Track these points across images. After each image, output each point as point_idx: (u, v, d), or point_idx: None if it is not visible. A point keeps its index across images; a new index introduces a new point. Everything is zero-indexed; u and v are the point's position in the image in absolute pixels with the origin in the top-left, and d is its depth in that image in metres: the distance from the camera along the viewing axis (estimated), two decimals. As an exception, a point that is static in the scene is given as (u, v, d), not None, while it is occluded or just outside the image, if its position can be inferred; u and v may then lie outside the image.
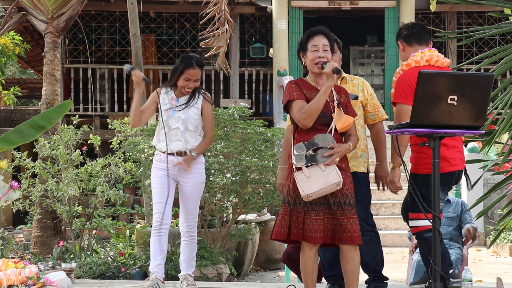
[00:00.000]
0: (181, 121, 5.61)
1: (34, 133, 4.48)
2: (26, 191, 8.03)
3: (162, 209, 5.57)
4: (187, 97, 5.68)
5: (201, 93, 5.75)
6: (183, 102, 5.67)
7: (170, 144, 5.59)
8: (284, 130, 8.69)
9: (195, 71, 5.61)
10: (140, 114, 5.62)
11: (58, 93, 9.12)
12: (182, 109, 5.63)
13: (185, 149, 5.62)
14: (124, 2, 9.74)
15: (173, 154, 5.61)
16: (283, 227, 4.70)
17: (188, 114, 5.64)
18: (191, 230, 5.71)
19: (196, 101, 5.68)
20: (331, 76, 4.64)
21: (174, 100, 5.68)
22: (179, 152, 5.62)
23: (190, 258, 5.74)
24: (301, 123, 4.69)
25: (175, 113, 5.63)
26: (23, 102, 24.06)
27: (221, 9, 8.73)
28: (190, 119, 5.63)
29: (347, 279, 4.76)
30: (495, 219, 11.62)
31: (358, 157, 5.29)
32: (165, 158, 5.56)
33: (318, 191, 4.57)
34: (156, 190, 5.65)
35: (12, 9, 10.30)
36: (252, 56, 15.26)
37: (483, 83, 4.36)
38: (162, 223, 5.56)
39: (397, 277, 8.14)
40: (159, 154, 5.68)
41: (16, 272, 5.45)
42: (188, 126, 5.62)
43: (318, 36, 4.81)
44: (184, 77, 5.60)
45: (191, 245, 5.73)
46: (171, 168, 5.58)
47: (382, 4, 14.75)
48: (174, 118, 5.63)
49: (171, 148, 5.60)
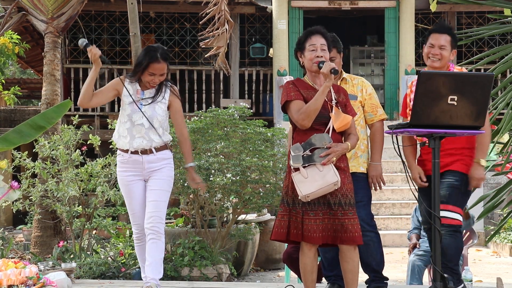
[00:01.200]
0: (146, 118, 5.19)
1: (34, 133, 4.47)
2: (26, 191, 8.03)
3: (138, 221, 5.29)
4: (153, 91, 5.25)
5: (168, 86, 5.32)
6: (148, 96, 5.24)
7: (133, 141, 5.21)
8: (284, 130, 8.70)
9: (160, 65, 5.16)
10: (91, 96, 5.20)
11: (58, 93, 9.11)
12: (148, 104, 5.21)
13: (149, 147, 5.21)
14: (124, 2, 9.74)
15: (137, 153, 5.22)
16: (282, 227, 4.71)
17: (155, 110, 5.23)
18: (156, 226, 5.16)
19: (163, 96, 5.26)
20: (328, 76, 4.64)
21: (139, 93, 5.25)
22: (143, 151, 5.21)
23: (156, 261, 5.18)
24: (300, 124, 4.69)
25: (142, 107, 5.20)
26: (23, 102, 24.07)
27: (221, 9, 8.73)
28: (157, 115, 5.22)
29: (346, 279, 4.76)
30: (495, 219, 11.62)
31: (358, 157, 5.28)
32: (128, 159, 5.22)
33: (316, 191, 4.57)
34: (127, 200, 5.31)
35: (12, 9, 10.29)
36: (252, 56, 15.26)
37: (483, 83, 4.36)
38: (142, 233, 5.28)
39: (397, 277, 8.14)
40: (121, 154, 5.29)
41: (16, 272, 5.44)
42: (153, 123, 5.20)
43: (316, 36, 4.81)
44: (148, 72, 5.17)
45: (157, 244, 5.17)
46: (137, 168, 5.24)
47: (382, 4, 14.75)
48: (138, 113, 5.20)
49: (134, 145, 5.21)
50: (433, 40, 4.93)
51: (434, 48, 4.91)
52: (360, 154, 5.29)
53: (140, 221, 5.31)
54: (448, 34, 4.95)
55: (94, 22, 14.86)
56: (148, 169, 5.23)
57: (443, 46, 4.91)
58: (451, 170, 4.89)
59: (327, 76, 4.64)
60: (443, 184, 4.83)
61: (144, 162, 5.22)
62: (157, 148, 5.23)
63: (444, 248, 4.78)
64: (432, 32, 4.99)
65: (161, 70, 5.18)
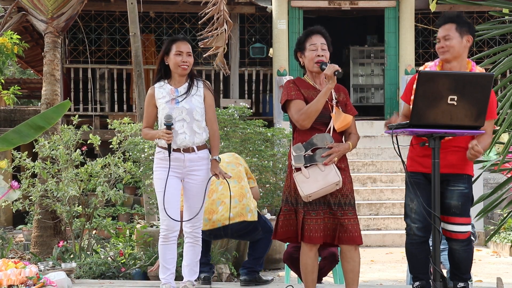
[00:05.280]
0: (186, 111, 5.21)
1: (33, 134, 4.47)
2: (26, 191, 8.02)
3: (168, 217, 5.22)
4: (186, 86, 5.28)
5: (199, 80, 5.37)
6: (183, 92, 5.27)
7: (176, 138, 5.19)
8: (284, 130, 8.70)
9: (183, 43, 5.23)
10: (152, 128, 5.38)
11: (58, 93, 9.12)
12: (184, 99, 5.23)
13: (192, 144, 5.22)
14: (124, 2, 9.74)
15: (179, 151, 5.22)
16: (290, 225, 4.72)
17: (192, 102, 5.24)
18: (195, 231, 5.33)
19: (197, 89, 5.30)
20: (332, 78, 4.63)
21: (173, 92, 5.28)
22: (185, 149, 5.22)
23: (193, 263, 5.39)
24: (300, 124, 4.69)
25: (178, 104, 5.22)
26: (23, 102, 24.06)
27: (219, 9, 8.73)
28: (195, 108, 5.23)
29: (347, 279, 4.77)
30: (495, 219, 11.61)
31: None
32: (169, 156, 5.17)
33: (318, 191, 4.57)
34: (161, 194, 5.21)
35: (12, 9, 10.30)
36: (252, 56, 15.26)
37: (483, 83, 4.36)
38: (171, 230, 5.25)
39: (397, 277, 8.14)
40: (161, 151, 5.26)
41: (16, 272, 5.44)
42: (194, 116, 5.22)
43: (316, 36, 4.81)
44: (174, 53, 5.22)
45: (195, 247, 5.36)
46: (178, 166, 5.23)
47: (382, 4, 14.75)
48: (178, 109, 5.21)
49: (178, 142, 5.20)
50: (438, 33, 4.77)
51: (440, 41, 4.73)
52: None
53: (170, 217, 5.21)
54: (450, 22, 4.73)
55: (94, 22, 14.85)
56: (188, 167, 5.25)
57: (447, 36, 4.69)
58: (459, 174, 4.73)
59: (330, 78, 4.63)
60: (454, 193, 4.70)
61: (186, 161, 5.25)
62: (198, 146, 5.27)
63: (459, 262, 4.75)
64: (437, 26, 4.84)
65: (186, 48, 5.25)
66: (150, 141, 6.60)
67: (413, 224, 4.71)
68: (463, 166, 4.73)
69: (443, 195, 4.71)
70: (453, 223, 4.70)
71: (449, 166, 4.67)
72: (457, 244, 4.72)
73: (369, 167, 12.78)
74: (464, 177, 4.73)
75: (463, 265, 4.80)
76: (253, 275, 6.06)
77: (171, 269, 5.35)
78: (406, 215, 4.78)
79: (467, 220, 4.73)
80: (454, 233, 4.72)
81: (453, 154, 4.71)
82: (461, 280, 4.82)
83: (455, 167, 4.71)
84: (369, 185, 12.31)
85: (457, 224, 4.68)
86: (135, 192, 12.60)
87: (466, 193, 4.72)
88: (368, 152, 13.28)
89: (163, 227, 5.29)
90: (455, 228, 4.69)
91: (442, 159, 4.57)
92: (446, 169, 4.63)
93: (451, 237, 4.75)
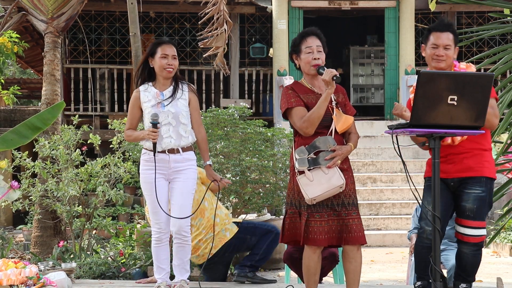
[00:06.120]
0: (172, 115, 5.25)
1: (31, 134, 4.48)
2: (26, 191, 8.02)
3: (160, 219, 5.31)
4: (171, 89, 5.32)
5: (184, 83, 5.40)
6: (168, 95, 5.29)
7: (161, 142, 5.24)
8: (284, 130, 8.70)
9: (168, 46, 5.28)
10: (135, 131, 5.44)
11: (58, 93, 9.11)
12: (170, 102, 5.27)
13: (177, 146, 5.27)
14: (124, 2, 9.74)
15: (164, 152, 5.27)
16: (296, 228, 4.71)
17: (178, 106, 5.29)
18: (183, 230, 5.32)
19: (182, 92, 5.33)
20: (330, 84, 4.61)
21: (159, 95, 5.30)
22: (170, 150, 5.27)
23: (184, 262, 5.40)
24: (303, 132, 4.67)
25: (164, 108, 5.25)
26: (23, 102, 24.06)
27: (219, 9, 8.72)
28: (181, 111, 5.28)
29: (348, 279, 4.77)
30: (495, 219, 11.61)
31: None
32: (154, 158, 5.22)
33: (322, 194, 4.56)
34: (149, 197, 5.31)
35: (12, 9, 10.29)
36: (252, 56, 15.26)
37: (483, 83, 4.35)
38: (163, 232, 5.33)
39: (397, 277, 8.14)
40: (147, 153, 5.32)
41: (16, 272, 5.44)
42: (180, 119, 5.27)
43: (311, 38, 4.78)
44: (160, 56, 5.25)
45: (184, 247, 5.36)
46: (163, 167, 5.27)
47: (382, 4, 14.75)
48: (164, 113, 5.24)
49: (163, 146, 5.25)
50: (436, 39, 4.69)
51: (439, 49, 4.68)
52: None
53: (162, 220, 5.32)
54: (450, 32, 4.70)
55: (94, 22, 14.86)
56: (173, 169, 5.28)
57: (448, 46, 4.67)
58: (477, 177, 4.67)
59: (329, 83, 4.60)
60: (469, 196, 4.65)
61: (170, 161, 5.28)
62: (183, 148, 5.30)
63: (466, 265, 4.72)
64: (433, 30, 4.75)
65: (172, 51, 5.28)
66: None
67: (427, 227, 4.66)
68: (481, 168, 4.69)
69: (459, 197, 4.70)
70: (466, 226, 4.66)
71: (466, 170, 4.67)
72: (468, 247, 4.69)
73: (369, 167, 12.78)
74: (481, 179, 4.68)
75: (470, 268, 4.77)
76: (243, 270, 6.07)
77: (165, 268, 5.44)
78: (421, 218, 4.78)
79: (481, 223, 4.67)
80: (466, 236, 4.68)
81: (470, 158, 4.68)
82: (465, 282, 4.81)
83: (472, 169, 4.68)
84: (369, 185, 12.31)
85: (470, 227, 4.64)
86: (135, 192, 12.60)
87: (482, 197, 4.66)
88: (368, 152, 13.28)
89: (155, 230, 5.36)
90: (467, 231, 4.66)
91: (459, 163, 4.63)
92: (463, 173, 4.65)
93: (463, 239, 4.72)
